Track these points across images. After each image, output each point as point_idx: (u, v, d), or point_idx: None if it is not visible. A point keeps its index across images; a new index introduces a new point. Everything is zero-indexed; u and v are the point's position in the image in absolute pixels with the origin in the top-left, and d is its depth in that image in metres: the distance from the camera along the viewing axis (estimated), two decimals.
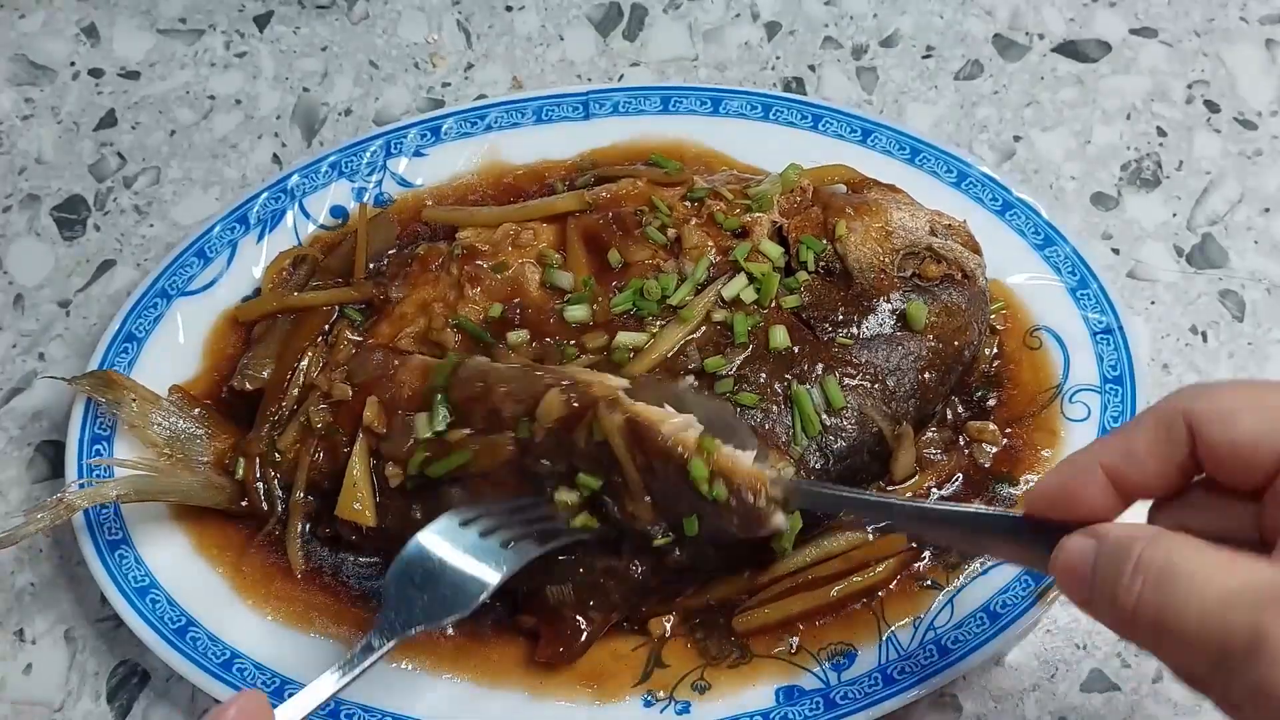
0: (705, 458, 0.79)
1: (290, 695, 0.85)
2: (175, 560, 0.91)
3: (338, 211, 1.07)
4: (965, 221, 0.97)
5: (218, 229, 1.04)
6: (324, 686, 0.74)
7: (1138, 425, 0.64)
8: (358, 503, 0.88)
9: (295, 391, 0.95)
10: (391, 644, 0.77)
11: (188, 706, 0.90)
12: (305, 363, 0.96)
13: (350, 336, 0.96)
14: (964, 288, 0.94)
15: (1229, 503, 0.61)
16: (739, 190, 0.98)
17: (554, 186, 1.06)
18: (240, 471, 0.92)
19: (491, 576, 0.79)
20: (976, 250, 0.96)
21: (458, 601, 0.79)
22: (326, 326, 0.98)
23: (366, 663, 0.75)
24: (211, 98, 1.20)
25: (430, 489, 0.86)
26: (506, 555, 0.81)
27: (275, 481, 0.92)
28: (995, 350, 0.98)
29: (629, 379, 0.86)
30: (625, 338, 0.91)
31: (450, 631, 0.89)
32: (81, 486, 0.89)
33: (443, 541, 0.81)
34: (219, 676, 0.86)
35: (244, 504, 0.92)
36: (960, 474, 0.93)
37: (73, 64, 1.22)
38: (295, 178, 1.07)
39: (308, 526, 0.92)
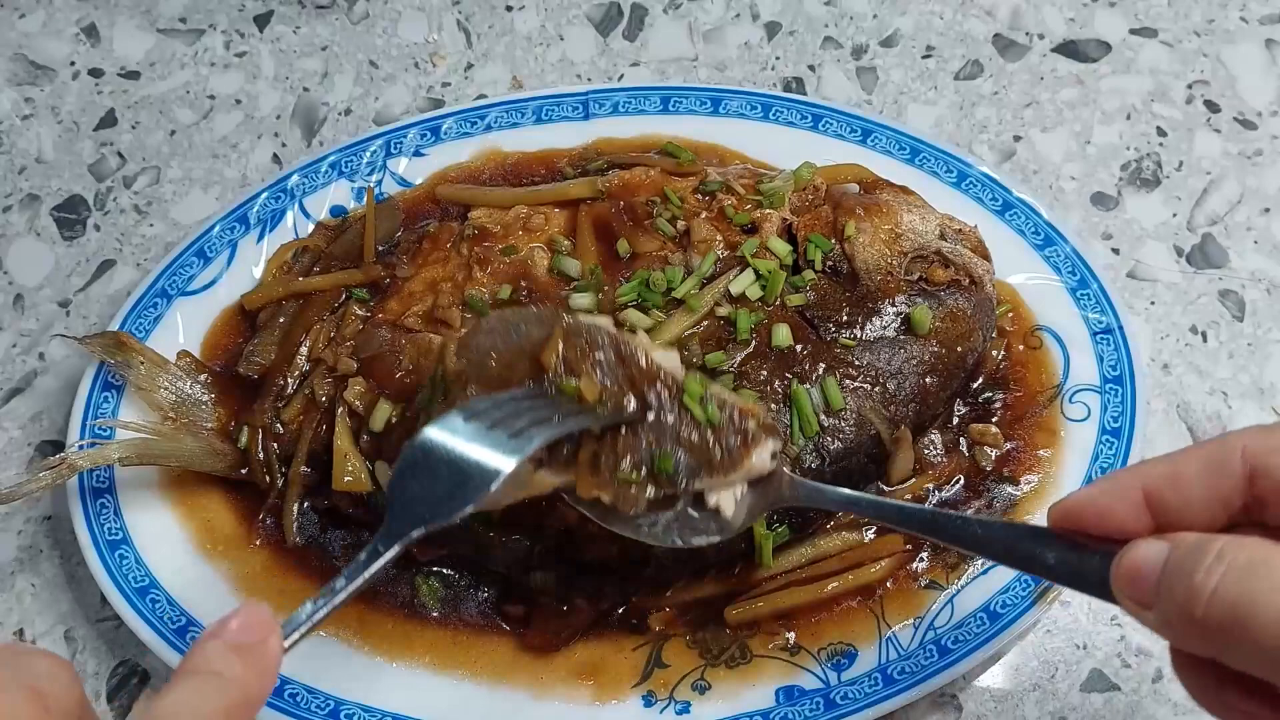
0: (699, 382, 0.78)
1: (290, 694, 0.85)
2: (175, 560, 0.91)
3: (337, 211, 1.07)
4: (976, 227, 0.97)
5: (218, 229, 1.04)
6: (329, 597, 0.69)
7: (1189, 453, 0.63)
8: (349, 475, 0.88)
9: (301, 364, 0.95)
10: (397, 548, 0.71)
11: None
12: (312, 338, 0.96)
13: (358, 312, 0.96)
14: (970, 294, 0.94)
15: None
16: (751, 185, 0.98)
17: (564, 171, 1.06)
18: (244, 440, 0.93)
19: (504, 464, 0.72)
20: (986, 256, 0.96)
21: (466, 493, 0.72)
22: (336, 305, 0.99)
23: (371, 569, 0.70)
24: (211, 98, 1.20)
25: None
26: (517, 444, 0.74)
27: (276, 453, 0.93)
28: (1002, 353, 0.98)
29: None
30: (633, 315, 0.91)
31: (434, 616, 0.89)
32: (83, 448, 0.89)
33: (446, 436, 0.74)
34: None
35: (244, 472, 0.93)
36: (960, 476, 0.93)
37: (73, 64, 1.22)
38: (295, 178, 1.07)
39: (306, 504, 0.93)
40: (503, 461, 0.73)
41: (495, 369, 0.80)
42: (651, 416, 0.77)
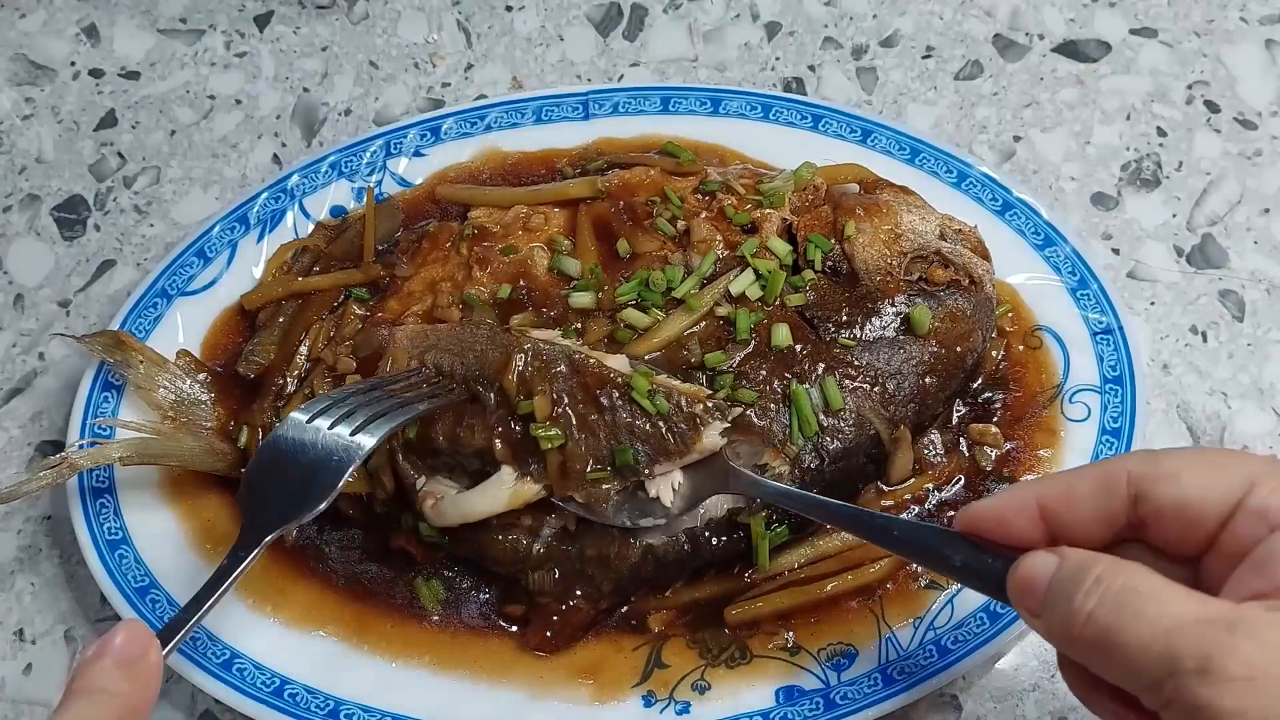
0: (646, 377, 0.84)
1: (290, 694, 0.85)
2: (175, 560, 0.91)
3: (337, 211, 1.07)
4: (976, 227, 0.97)
5: (218, 229, 1.04)
6: (194, 607, 0.76)
7: (1082, 473, 0.68)
8: (349, 476, 0.88)
9: (301, 363, 0.95)
10: (255, 553, 0.78)
11: (188, 706, 0.90)
12: (311, 338, 0.96)
13: (357, 312, 0.96)
14: (970, 294, 0.94)
15: (1165, 566, 0.63)
16: (751, 185, 0.98)
17: (564, 171, 1.06)
18: (244, 440, 0.93)
19: (348, 461, 0.79)
20: (986, 256, 0.96)
21: (316, 492, 0.79)
22: (335, 304, 0.99)
23: (233, 576, 0.77)
24: (211, 98, 1.20)
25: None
26: (359, 440, 0.80)
27: None
28: (1002, 353, 0.98)
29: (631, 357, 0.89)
30: (632, 315, 0.91)
31: (434, 618, 0.89)
32: (83, 448, 0.89)
33: (291, 439, 0.81)
34: (219, 676, 0.86)
35: (244, 471, 0.93)
36: (960, 476, 0.93)
37: (73, 64, 1.22)
38: (295, 178, 1.07)
39: None
40: (347, 458, 0.79)
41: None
42: (605, 414, 0.84)
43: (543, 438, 0.83)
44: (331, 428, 0.81)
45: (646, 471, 0.84)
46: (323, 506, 0.78)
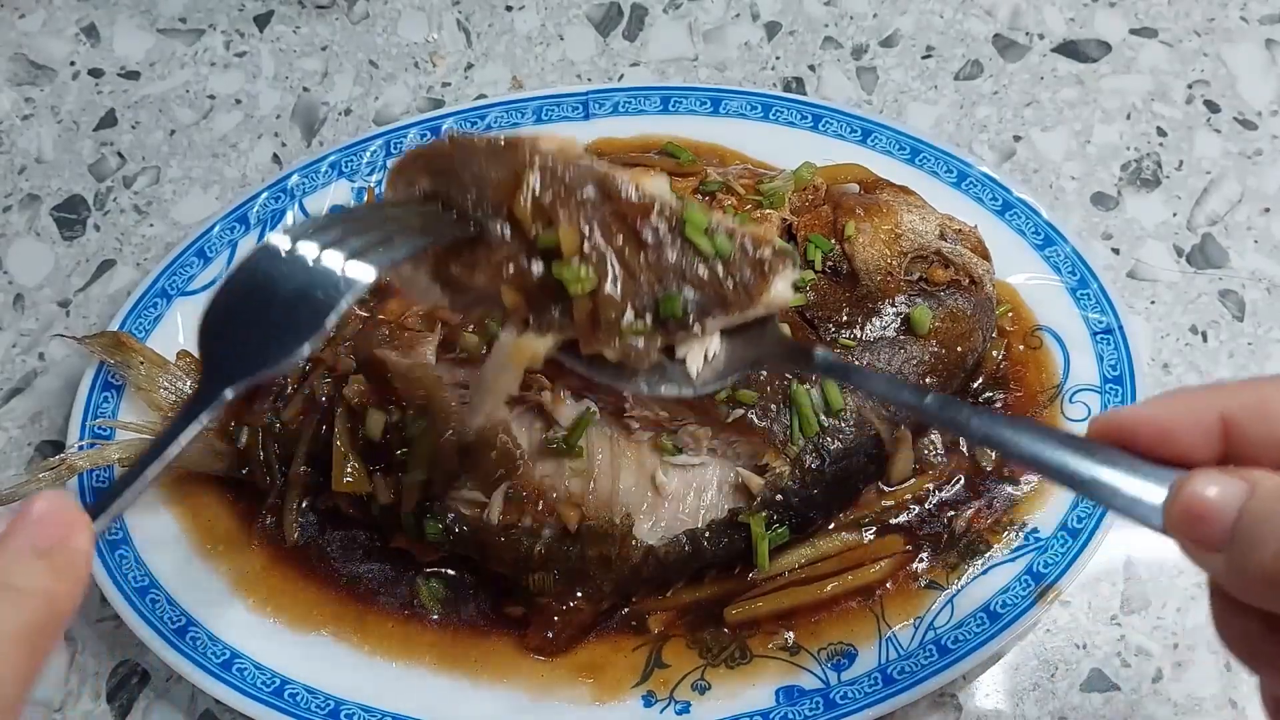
0: (702, 210, 0.68)
1: (290, 694, 0.85)
2: (175, 560, 0.91)
3: (337, 211, 1.07)
4: (976, 227, 0.97)
5: (218, 229, 1.04)
6: (137, 472, 0.59)
7: (1276, 382, 0.55)
8: (349, 475, 0.88)
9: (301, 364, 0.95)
10: (213, 406, 0.60)
11: (188, 706, 0.90)
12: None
13: (358, 312, 0.96)
14: (970, 294, 0.94)
15: None
16: (751, 185, 0.98)
17: None
18: (244, 440, 0.93)
19: (331, 301, 0.61)
20: (986, 256, 0.96)
21: (290, 339, 0.60)
22: None
23: (186, 433, 0.59)
24: (211, 97, 1.20)
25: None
26: (349, 275, 0.61)
27: (275, 453, 0.93)
28: (1002, 353, 0.98)
29: None
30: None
31: (435, 617, 0.89)
32: (83, 449, 0.89)
33: (264, 274, 0.62)
34: (219, 676, 0.86)
35: (244, 472, 0.93)
36: (961, 475, 0.93)
37: (73, 64, 1.22)
38: (295, 178, 1.07)
39: (306, 504, 0.93)
40: (335, 293, 0.61)
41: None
42: (649, 255, 0.68)
43: (571, 279, 0.66)
44: (318, 258, 0.62)
45: (697, 327, 0.68)
46: (306, 350, 0.60)
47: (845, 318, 0.92)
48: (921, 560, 0.90)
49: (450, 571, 0.91)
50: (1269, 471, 0.53)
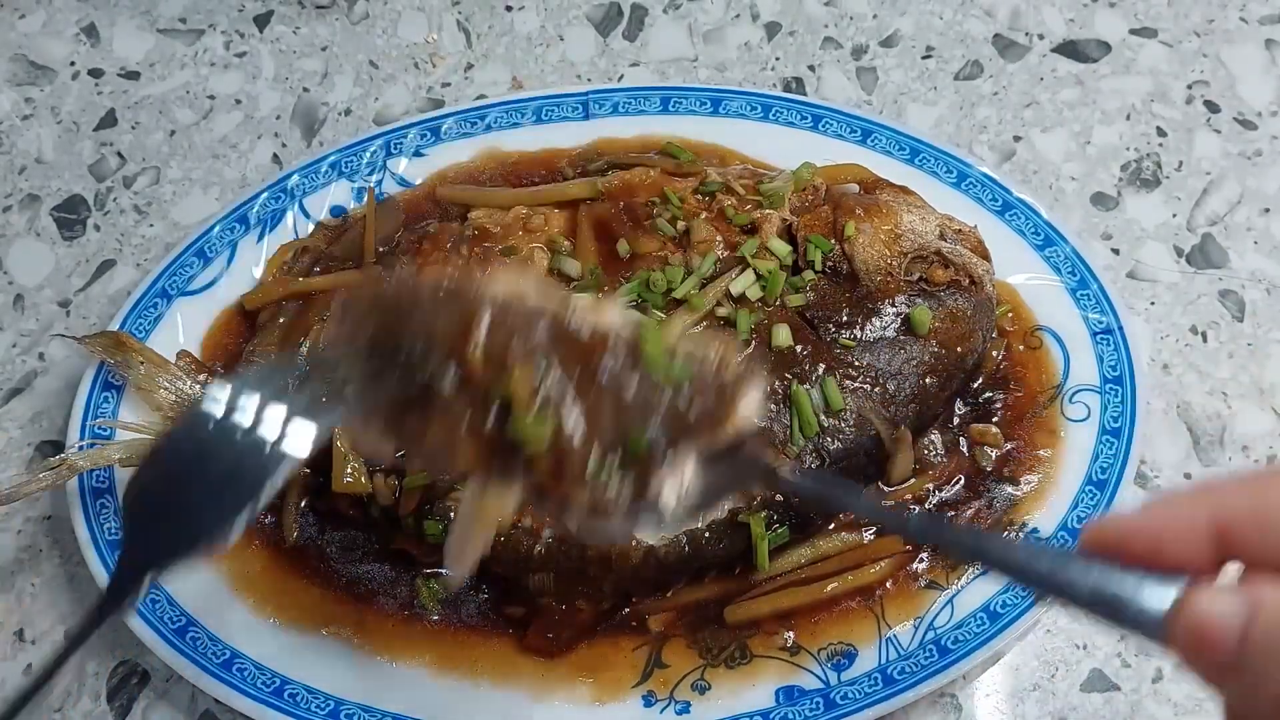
0: (656, 335, 0.63)
1: (290, 694, 0.85)
2: None
3: (337, 211, 1.07)
4: (975, 227, 0.97)
5: (218, 229, 1.04)
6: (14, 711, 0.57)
7: (1273, 483, 0.51)
8: (349, 475, 0.88)
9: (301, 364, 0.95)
10: (127, 604, 0.58)
11: (188, 706, 0.90)
12: (312, 339, 0.96)
13: None
14: (970, 294, 0.94)
15: None
16: (751, 185, 0.99)
17: (564, 172, 1.06)
18: None
19: (270, 467, 0.58)
20: (986, 256, 0.96)
21: (220, 515, 0.58)
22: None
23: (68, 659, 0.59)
24: (211, 98, 1.20)
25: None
26: (293, 436, 0.59)
27: None
28: (1002, 353, 0.98)
29: None
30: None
31: (434, 618, 0.89)
32: (83, 449, 0.89)
33: (197, 443, 0.59)
34: (219, 676, 0.86)
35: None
36: (961, 476, 0.93)
37: (73, 64, 1.22)
38: (295, 178, 1.07)
39: (305, 503, 0.93)
40: (281, 453, 0.59)
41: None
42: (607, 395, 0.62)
43: (528, 437, 0.61)
44: (250, 427, 0.60)
45: (668, 461, 0.62)
46: (238, 529, 0.58)
47: (845, 318, 0.92)
48: (921, 560, 0.90)
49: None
50: (1272, 580, 0.49)
